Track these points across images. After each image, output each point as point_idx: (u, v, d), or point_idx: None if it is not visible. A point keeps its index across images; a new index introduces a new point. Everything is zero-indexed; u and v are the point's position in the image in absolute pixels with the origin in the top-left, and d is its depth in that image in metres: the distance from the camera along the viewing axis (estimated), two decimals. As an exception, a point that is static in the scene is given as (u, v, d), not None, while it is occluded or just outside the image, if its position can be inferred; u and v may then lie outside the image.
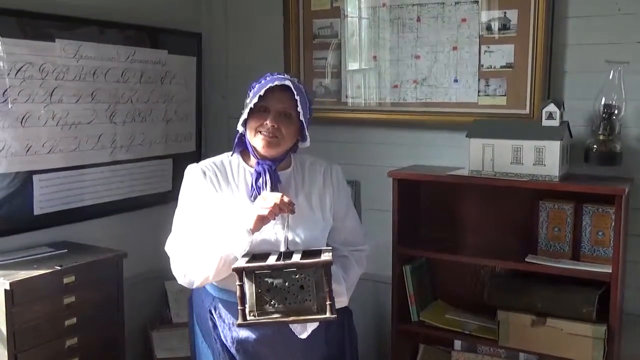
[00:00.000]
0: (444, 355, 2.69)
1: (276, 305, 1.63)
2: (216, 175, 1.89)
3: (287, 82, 1.80)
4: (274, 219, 1.73)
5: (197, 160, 2.02)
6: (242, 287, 1.63)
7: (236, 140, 1.92)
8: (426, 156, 2.76)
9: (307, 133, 1.89)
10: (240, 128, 1.87)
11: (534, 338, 2.35)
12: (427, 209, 2.73)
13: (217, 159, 1.95)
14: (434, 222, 2.72)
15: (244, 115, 1.83)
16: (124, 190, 2.90)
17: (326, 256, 1.67)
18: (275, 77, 1.86)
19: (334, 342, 1.97)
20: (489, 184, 2.38)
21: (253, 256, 1.73)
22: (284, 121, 1.82)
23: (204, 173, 1.89)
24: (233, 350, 1.86)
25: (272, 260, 1.69)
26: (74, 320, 2.39)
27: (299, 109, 1.82)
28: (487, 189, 2.48)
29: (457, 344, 2.64)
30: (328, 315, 1.61)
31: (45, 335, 2.30)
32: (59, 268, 2.35)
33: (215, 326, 1.90)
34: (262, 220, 1.73)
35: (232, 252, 1.75)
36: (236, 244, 1.75)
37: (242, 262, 1.67)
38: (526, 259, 2.37)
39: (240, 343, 1.84)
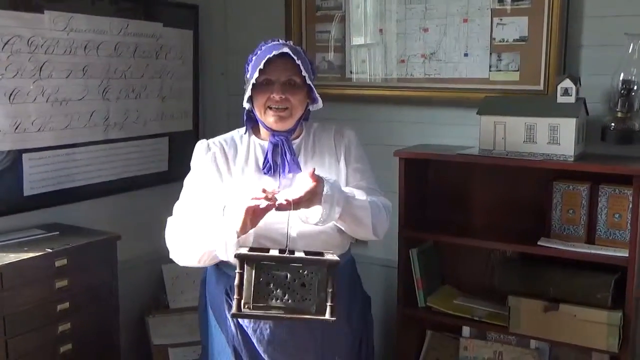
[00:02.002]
0: (451, 342, 2.70)
1: (274, 300, 1.63)
2: (223, 150, 1.90)
3: (285, 49, 1.78)
4: (262, 214, 1.68)
5: (195, 139, 2.03)
6: (241, 275, 1.63)
7: (244, 117, 1.92)
8: (434, 135, 2.75)
9: (316, 95, 1.88)
10: (246, 105, 1.87)
11: (546, 325, 2.35)
12: (435, 190, 2.73)
13: (228, 134, 1.97)
14: (442, 203, 2.71)
15: (248, 92, 1.83)
16: (118, 170, 2.90)
17: (332, 256, 1.67)
18: (270, 45, 1.85)
19: (356, 329, 1.98)
20: (501, 164, 2.37)
21: (251, 249, 1.73)
22: (290, 90, 1.82)
23: (208, 148, 1.90)
24: (250, 334, 1.87)
25: (276, 252, 1.69)
26: (67, 305, 2.39)
27: (304, 73, 1.80)
28: (499, 169, 2.47)
29: (466, 330, 2.65)
30: (327, 317, 1.60)
31: (37, 321, 2.31)
32: (51, 251, 2.34)
33: (230, 307, 1.86)
34: (251, 216, 1.68)
35: (216, 250, 1.76)
36: (221, 244, 1.74)
37: (245, 250, 1.67)
38: (539, 243, 2.36)
39: (258, 326, 1.86)
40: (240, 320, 1.88)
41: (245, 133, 1.93)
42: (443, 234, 2.56)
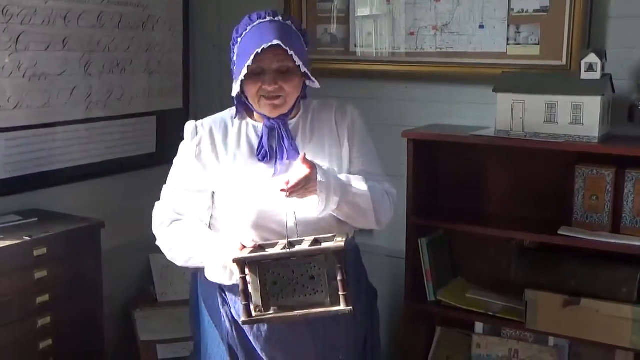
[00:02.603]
0: (463, 339, 2.70)
1: (284, 299, 1.65)
2: (211, 134, 1.90)
3: (275, 41, 1.76)
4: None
5: (185, 118, 2.03)
6: (244, 279, 1.65)
7: (236, 102, 1.92)
8: (446, 114, 2.74)
9: (313, 79, 1.87)
10: (235, 92, 1.86)
11: (566, 320, 2.36)
12: (447, 175, 2.72)
13: (218, 115, 1.96)
14: (455, 189, 2.71)
15: (237, 87, 1.83)
16: (102, 152, 2.89)
17: (338, 242, 1.68)
18: (258, 26, 1.82)
19: (361, 325, 1.99)
20: (519, 146, 2.37)
21: (259, 246, 1.75)
22: (283, 78, 1.81)
23: (195, 132, 1.90)
24: (246, 330, 1.87)
25: (277, 249, 1.70)
26: (46, 297, 2.40)
27: (297, 62, 1.80)
28: (516, 151, 2.47)
29: (479, 326, 2.65)
30: (342, 307, 1.62)
31: (15, 314, 2.31)
32: (29, 239, 2.35)
33: (225, 302, 1.91)
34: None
35: (202, 263, 1.84)
36: (210, 269, 1.84)
37: (244, 252, 1.69)
38: (559, 232, 2.36)
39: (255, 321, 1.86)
40: (235, 314, 1.88)
41: (235, 117, 1.93)
42: (455, 222, 2.56)
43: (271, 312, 1.65)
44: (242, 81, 1.82)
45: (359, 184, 1.85)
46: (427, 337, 2.77)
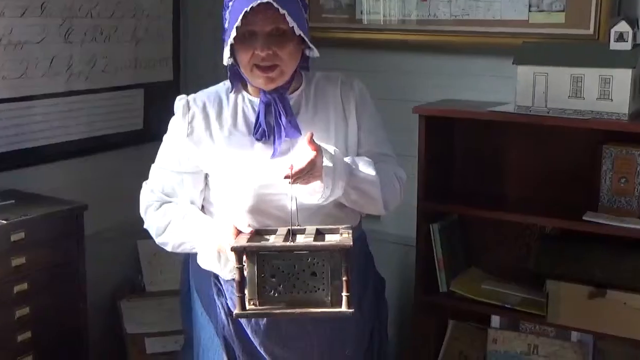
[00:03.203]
0: (478, 334, 2.71)
1: (282, 294, 1.65)
2: (205, 111, 1.89)
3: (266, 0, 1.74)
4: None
5: (175, 92, 2.02)
6: (241, 270, 1.65)
7: (229, 73, 1.90)
8: (462, 88, 2.73)
9: (311, 45, 1.85)
10: (227, 61, 1.85)
11: (590, 313, 2.36)
12: (462, 155, 2.73)
13: (212, 89, 1.95)
14: (470, 170, 2.71)
15: (227, 52, 1.81)
16: (84, 128, 2.89)
17: (345, 237, 1.68)
18: None
19: (368, 318, 2.00)
20: (540, 123, 2.37)
21: (256, 231, 1.75)
22: (277, 42, 1.79)
23: (187, 108, 1.89)
24: (244, 323, 1.88)
25: (279, 238, 1.70)
26: (25, 286, 2.40)
27: (291, 24, 1.77)
28: (538, 129, 2.47)
29: (495, 320, 2.65)
30: (344, 309, 1.63)
31: (-10, 305, 2.33)
32: (5, 222, 2.35)
33: (220, 292, 1.92)
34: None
35: (194, 249, 1.87)
36: (202, 255, 1.86)
37: (242, 240, 1.69)
38: (584, 217, 2.36)
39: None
40: (231, 305, 1.88)
41: (231, 91, 1.91)
42: (470, 206, 2.56)
43: (267, 307, 1.66)
44: (234, 49, 1.81)
45: (366, 168, 1.84)
46: (439, 332, 2.77)
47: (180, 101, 1.91)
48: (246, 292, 1.65)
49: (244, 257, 1.65)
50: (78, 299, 2.60)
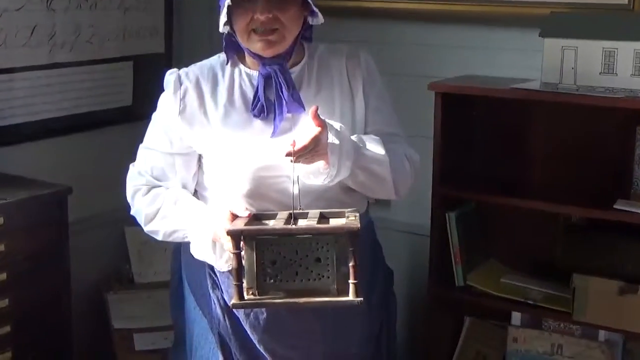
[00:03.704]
0: (497, 332, 2.72)
1: (283, 282, 1.65)
2: (198, 86, 1.89)
3: None
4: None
5: (167, 65, 2.02)
6: (238, 256, 1.65)
7: (224, 43, 1.90)
8: (482, 63, 2.73)
9: (315, 9, 1.85)
10: (223, 29, 1.84)
11: (620, 311, 2.36)
12: (481, 136, 2.72)
13: (206, 62, 1.96)
14: (490, 153, 2.71)
15: (223, 16, 1.80)
16: (68, 104, 2.89)
17: (351, 220, 1.68)
18: None
19: (376, 313, 2.01)
20: (569, 102, 2.35)
21: (254, 216, 1.75)
22: (278, 5, 1.79)
23: (179, 83, 1.90)
24: (241, 318, 1.89)
25: (279, 222, 1.70)
26: (4, 276, 2.41)
27: None
28: (566, 108, 2.46)
29: (516, 317, 2.66)
30: (351, 297, 1.63)
31: (-35, 296, 2.34)
32: (-18, 207, 2.36)
33: (215, 285, 1.92)
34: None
35: (187, 238, 1.87)
36: (196, 244, 1.86)
37: (239, 224, 1.69)
38: (615, 206, 2.35)
39: (252, 309, 1.86)
40: (227, 299, 1.89)
41: (227, 64, 1.92)
42: (490, 192, 2.55)
43: (267, 296, 1.66)
44: (231, 14, 1.80)
45: (375, 147, 1.84)
46: (454, 329, 2.77)
47: (171, 75, 1.91)
48: (244, 280, 1.65)
49: (242, 243, 1.65)
50: (61, 290, 2.61)
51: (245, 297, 1.66)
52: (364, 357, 2.00)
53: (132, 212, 1.96)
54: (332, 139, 1.73)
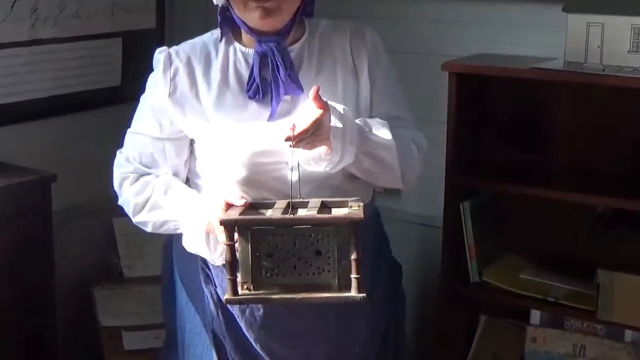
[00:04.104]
0: (515, 332, 2.72)
1: (280, 276, 1.65)
2: (190, 65, 1.89)
3: None
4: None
5: (159, 42, 2.01)
6: (232, 248, 1.65)
7: (219, 17, 1.90)
8: (500, 40, 2.73)
9: None
10: (217, 0, 1.85)
11: (648, 310, 2.37)
12: (499, 120, 2.72)
13: (198, 40, 1.95)
14: (509, 139, 2.70)
15: None
16: (52, 84, 2.89)
17: (355, 210, 1.67)
18: None
19: (381, 310, 2.00)
20: (594, 83, 2.36)
21: (250, 205, 1.75)
22: None
23: (169, 62, 1.89)
24: (236, 315, 1.89)
25: (277, 212, 1.70)
26: (-18, 270, 2.43)
27: None
28: (591, 90, 2.46)
29: (535, 315, 2.65)
30: (354, 293, 1.62)
31: (-59, 291, 2.35)
32: (-42, 195, 2.36)
33: (209, 279, 1.92)
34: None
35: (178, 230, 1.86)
36: (188, 236, 1.85)
37: (234, 213, 1.68)
38: (643, 195, 2.37)
39: (248, 305, 1.86)
40: (220, 294, 1.89)
41: (221, 40, 1.91)
42: (508, 181, 2.55)
43: (263, 291, 1.65)
44: None
45: (382, 132, 1.83)
46: (468, 329, 2.78)
47: (160, 54, 1.91)
48: (238, 274, 1.64)
49: (236, 233, 1.64)
50: (45, 285, 2.61)
51: (240, 292, 1.65)
52: (369, 357, 2.01)
53: (119, 202, 1.96)
54: (334, 122, 1.72)
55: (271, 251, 1.64)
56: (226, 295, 1.66)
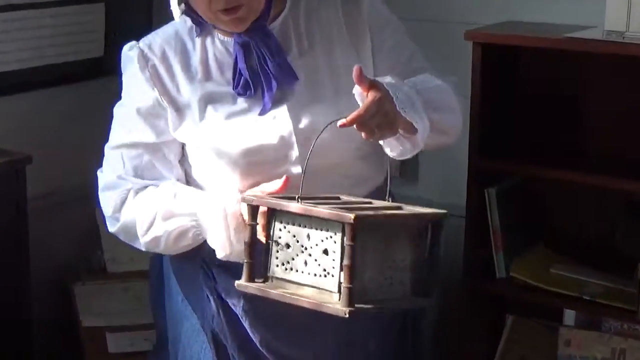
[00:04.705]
0: (545, 334, 2.71)
1: (291, 271, 1.65)
2: (165, 59, 1.88)
3: None
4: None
5: (147, 8, 1.99)
6: (254, 229, 1.66)
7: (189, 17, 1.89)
8: (531, 7, 2.73)
9: None
10: (178, 17, 1.83)
11: (697, 309, 2.37)
12: (528, 95, 2.71)
13: (168, 29, 1.92)
14: (539, 117, 2.70)
15: (174, 3, 1.80)
16: (27, 55, 2.89)
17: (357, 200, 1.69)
18: None
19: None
20: (637, 55, 2.33)
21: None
22: None
23: (144, 60, 1.88)
24: (239, 313, 1.89)
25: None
26: (-50, 262, 2.43)
27: None
28: (632, 63, 2.44)
29: (569, 315, 2.65)
30: (340, 306, 1.58)
31: None
32: None
33: (208, 276, 1.92)
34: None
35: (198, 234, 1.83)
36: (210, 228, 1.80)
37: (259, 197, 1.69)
38: (691, 181, 2.37)
39: (252, 302, 1.86)
40: (221, 292, 1.89)
41: (197, 36, 1.90)
42: (538, 165, 2.56)
43: (272, 285, 1.66)
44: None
45: (429, 81, 1.83)
46: (494, 330, 2.77)
47: (131, 51, 1.89)
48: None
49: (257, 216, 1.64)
50: (20, 280, 2.62)
51: (255, 280, 1.66)
52: (384, 355, 2.01)
53: (115, 230, 1.91)
54: (394, 92, 1.67)
55: (289, 242, 1.64)
56: (241, 280, 1.66)
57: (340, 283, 1.60)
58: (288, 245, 1.65)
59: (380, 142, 1.71)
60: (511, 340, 2.74)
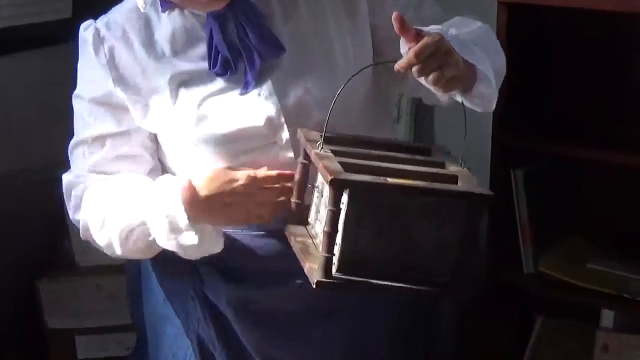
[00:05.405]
0: (580, 337, 2.73)
1: (316, 221, 1.72)
2: (125, 39, 1.86)
3: None
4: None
5: None
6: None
7: None
8: None
9: None
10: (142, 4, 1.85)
11: None
12: (561, 64, 2.70)
13: (131, 4, 1.90)
14: (574, 90, 2.70)
15: None
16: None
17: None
18: None
19: (409, 307, 2.00)
20: None
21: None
22: None
23: (100, 41, 1.86)
24: (230, 317, 1.91)
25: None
26: None
27: None
28: None
29: (608, 316, 2.66)
30: (315, 271, 1.62)
31: None
32: None
33: (194, 273, 1.92)
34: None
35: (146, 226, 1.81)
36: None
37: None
38: None
39: (245, 303, 1.88)
40: (210, 294, 1.90)
41: (164, 12, 1.87)
42: (571, 143, 2.58)
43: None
44: None
45: (472, 25, 1.84)
46: (521, 331, 2.79)
47: (86, 32, 1.88)
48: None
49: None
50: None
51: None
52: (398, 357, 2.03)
53: (82, 236, 1.93)
54: (448, 31, 1.68)
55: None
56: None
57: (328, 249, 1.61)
58: (322, 194, 1.67)
59: (458, 97, 1.72)
60: (541, 343, 2.77)
